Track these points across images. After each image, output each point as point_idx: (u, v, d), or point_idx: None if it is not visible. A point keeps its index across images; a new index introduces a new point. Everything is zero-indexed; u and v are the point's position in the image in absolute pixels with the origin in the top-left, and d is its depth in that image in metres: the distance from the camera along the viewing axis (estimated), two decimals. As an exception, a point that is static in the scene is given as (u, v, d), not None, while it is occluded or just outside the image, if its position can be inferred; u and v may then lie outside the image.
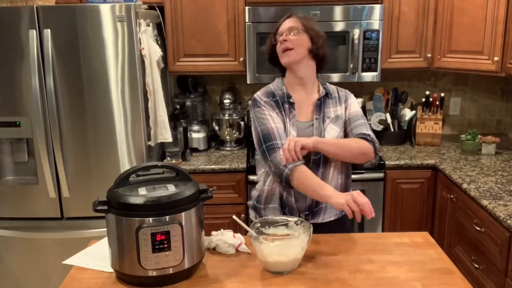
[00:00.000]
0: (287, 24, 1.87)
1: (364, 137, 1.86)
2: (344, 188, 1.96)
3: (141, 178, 1.57)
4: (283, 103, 1.90)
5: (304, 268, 1.58)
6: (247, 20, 2.88)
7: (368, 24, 2.88)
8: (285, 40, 1.83)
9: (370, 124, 3.19)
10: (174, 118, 3.02)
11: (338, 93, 1.98)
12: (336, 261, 1.63)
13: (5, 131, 2.63)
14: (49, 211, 2.73)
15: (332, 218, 1.94)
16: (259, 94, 1.95)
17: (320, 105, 1.92)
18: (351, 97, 1.99)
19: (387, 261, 1.63)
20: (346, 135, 1.94)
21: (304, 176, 1.75)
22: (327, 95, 1.93)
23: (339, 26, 2.89)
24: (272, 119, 1.87)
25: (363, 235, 1.85)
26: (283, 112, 1.90)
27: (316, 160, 1.86)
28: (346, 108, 1.95)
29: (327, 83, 2.01)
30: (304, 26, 1.86)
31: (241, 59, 3.00)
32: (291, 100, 1.90)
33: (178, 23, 2.96)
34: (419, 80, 3.42)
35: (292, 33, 1.84)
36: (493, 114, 3.47)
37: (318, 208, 1.91)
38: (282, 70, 1.96)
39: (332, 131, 1.89)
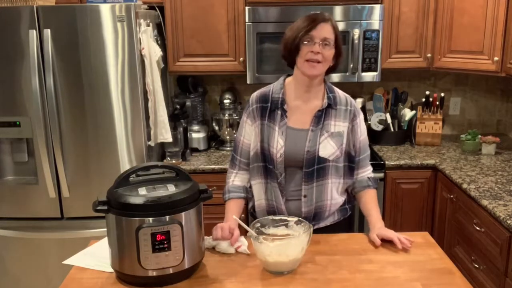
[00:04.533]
0: (323, 31, 1.74)
1: (372, 184, 1.91)
2: (342, 204, 1.93)
3: (141, 178, 1.57)
4: (275, 109, 1.84)
5: (304, 268, 1.58)
6: (247, 20, 2.88)
7: (368, 24, 2.88)
8: (318, 53, 1.72)
9: (370, 124, 3.21)
10: (174, 118, 3.02)
11: (346, 106, 1.86)
12: (336, 261, 1.63)
13: (5, 131, 2.63)
14: (49, 211, 2.73)
15: (328, 224, 1.92)
16: (254, 96, 1.90)
17: (321, 116, 1.82)
18: (360, 117, 1.89)
19: (387, 261, 1.63)
20: (350, 159, 1.88)
21: (226, 206, 1.90)
22: (330, 105, 1.83)
23: (339, 26, 2.84)
24: (245, 134, 1.90)
25: (363, 235, 1.85)
26: (266, 120, 1.84)
27: (309, 173, 1.81)
28: (352, 129, 1.86)
29: (336, 89, 1.90)
30: (335, 40, 1.77)
31: (241, 59, 3.00)
32: (284, 107, 1.83)
33: (178, 23, 2.96)
34: (419, 80, 3.42)
35: (325, 44, 1.74)
36: (493, 114, 3.47)
37: (316, 222, 1.88)
38: (291, 65, 1.86)
39: (329, 147, 1.81)
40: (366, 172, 1.92)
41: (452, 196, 2.60)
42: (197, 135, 3.16)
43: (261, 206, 1.91)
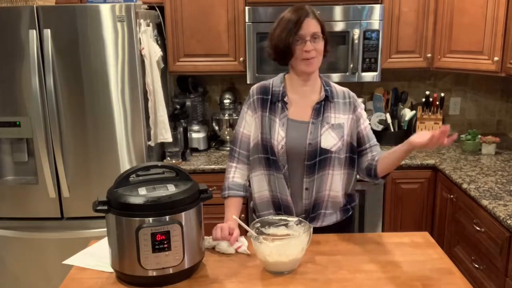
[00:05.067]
0: (310, 27, 1.76)
1: None
2: (344, 204, 1.93)
3: (141, 178, 1.57)
4: (276, 101, 1.85)
5: (304, 268, 1.58)
6: (247, 20, 2.88)
7: (368, 24, 2.88)
8: (312, 50, 1.75)
9: (370, 124, 3.20)
10: (174, 118, 3.02)
11: (344, 99, 1.88)
12: (336, 261, 1.63)
13: (5, 131, 2.63)
14: (49, 211, 2.73)
15: (331, 223, 1.92)
16: (254, 88, 1.92)
17: (320, 108, 1.84)
18: (361, 107, 1.90)
19: (387, 261, 1.63)
20: (360, 148, 1.88)
21: (226, 203, 1.89)
22: (327, 98, 1.85)
23: (339, 26, 2.89)
24: (245, 125, 1.90)
25: (363, 235, 1.85)
26: (267, 112, 1.84)
27: (311, 165, 1.81)
28: (357, 119, 1.87)
29: (332, 83, 1.92)
30: (322, 31, 1.79)
31: (241, 59, 3.00)
32: (285, 99, 1.85)
33: (178, 23, 2.96)
34: (419, 80, 3.42)
35: (315, 38, 1.76)
36: (493, 114, 3.47)
37: (316, 214, 1.88)
38: (285, 63, 1.86)
39: (330, 139, 1.81)
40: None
41: (452, 196, 2.60)
42: (197, 135, 3.16)
43: (263, 197, 1.90)
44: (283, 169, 1.83)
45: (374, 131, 3.16)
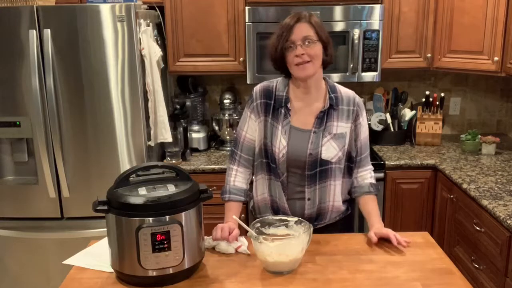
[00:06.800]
0: (301, 32, 1.72)
1: (373, 191, 1.90)
2: (344, 205, 1.94)
3: (141, 178, 1.57)
4: (279, 107, 1.82)
5: (304, 268, 1.58)
6: (247, 20, 2.88)
7: (368, 24, 2.88)
8: (302, 54, 1.71)
9: (370, 124, 3.21)
10: (174, 118, 3.02)
11: (349, 106, 1.84)
12: (336, 261, 1.63)
13: (5, 131, 2.63)
14: (49, 211, 2.73)
15: (328, 222, 1.92)
16: (258, 90, 1.88)
17: (323, 117, 1.81)
18: (363, 114, 1.87)
19: (387, 261, 1.63)
20: (350, 159, 1.88)
21: (226, 206, 1.88)
22: (332, 106, 1.82)
23: (339, 26, 2.89)
24: (247, 128, 1.88)
25: (363, 235, 1.85)
26: (269, 118, 1.82)
27: (312, 175, 1.81)
28: (355, 128, 1.86)
29: (339, 87, 1.87)
30: (317, 35, 1.74)
31: (241, 59, 3.00)
32: (288, 106, 1.82)
33: (178, 23, 2.96)
34: (419, 80, 3.42)
35: (307, 42, 1.72)
36: (493, 114, 3.47)
37: (320, 223, 1.88)
38: (287, 73, 1.84)
39: (331, 149, 1.80)
40: (366, 171, 1.92)
41: (452, 196, 2.60)
42: (197, 135, 3.16)
43: (264, 200, 1.90)
44: (282, 177, 1.82)
45: (374, 131, 3.20)
